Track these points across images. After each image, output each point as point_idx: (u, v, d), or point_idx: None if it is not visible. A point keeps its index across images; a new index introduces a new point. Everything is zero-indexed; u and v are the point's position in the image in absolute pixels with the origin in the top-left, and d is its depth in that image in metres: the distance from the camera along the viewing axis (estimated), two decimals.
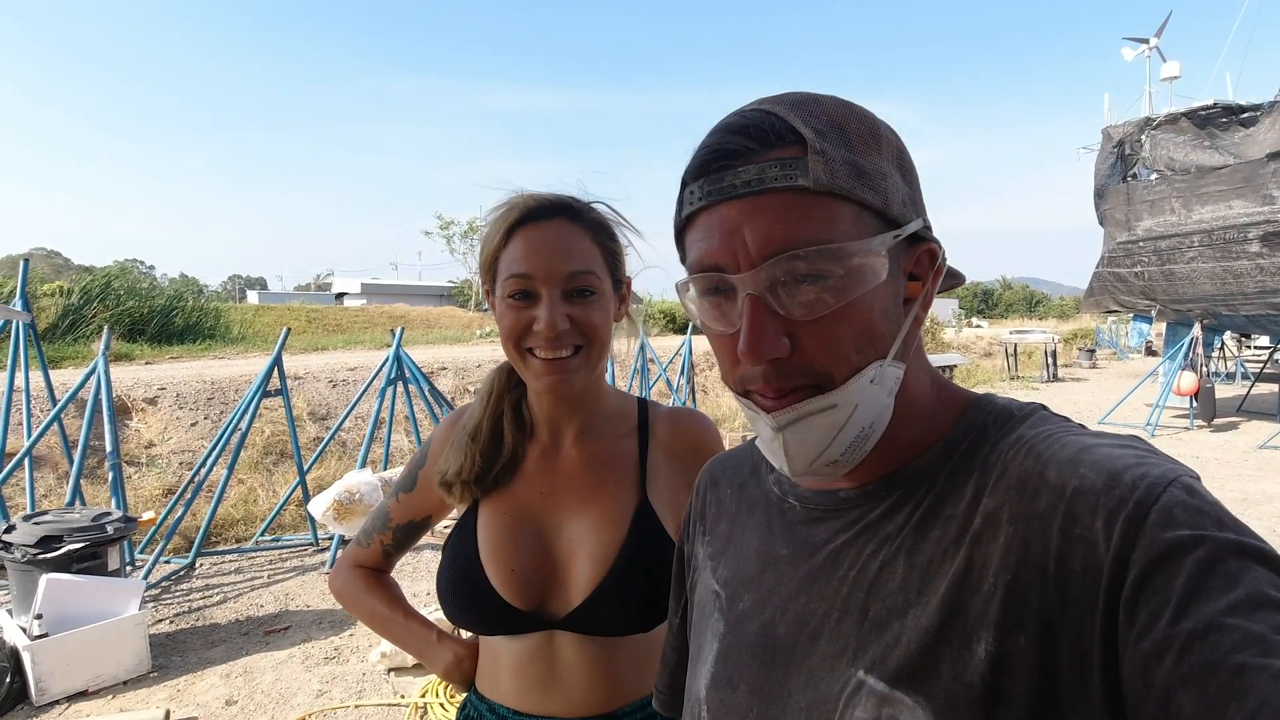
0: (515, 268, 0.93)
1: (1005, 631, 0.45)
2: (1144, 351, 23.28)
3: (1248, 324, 11.70)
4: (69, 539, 3.53)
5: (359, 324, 22.14)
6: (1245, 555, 0.40)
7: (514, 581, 0.97)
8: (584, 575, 0.97)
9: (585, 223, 0.97)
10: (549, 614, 0.97)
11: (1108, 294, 12.47)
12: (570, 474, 1.03)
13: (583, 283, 0.94)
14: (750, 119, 0.51)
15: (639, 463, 1.03)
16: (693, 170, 0.53)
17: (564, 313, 0.92)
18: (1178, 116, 11.21)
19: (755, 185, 0.49)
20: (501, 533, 0.99)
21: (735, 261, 0.50)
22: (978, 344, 22.04)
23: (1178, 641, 0.38)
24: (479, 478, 1.02)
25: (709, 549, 0.71)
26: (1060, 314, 51.90)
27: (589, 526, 0.99)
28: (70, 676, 3.31)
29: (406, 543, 1.15)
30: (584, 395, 1.03)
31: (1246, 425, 10.97)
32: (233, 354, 12.38)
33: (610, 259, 0.99)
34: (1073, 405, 13.39)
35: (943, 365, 12.15)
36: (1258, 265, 9.83)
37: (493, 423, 1.04)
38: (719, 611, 0.65)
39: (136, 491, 6.01)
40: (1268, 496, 6.85)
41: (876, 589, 0.53)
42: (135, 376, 8.15)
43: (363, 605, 1.14)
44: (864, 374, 0.51)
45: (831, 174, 0.49)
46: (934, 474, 0.54)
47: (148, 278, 19.26)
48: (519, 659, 0.99)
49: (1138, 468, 0.45)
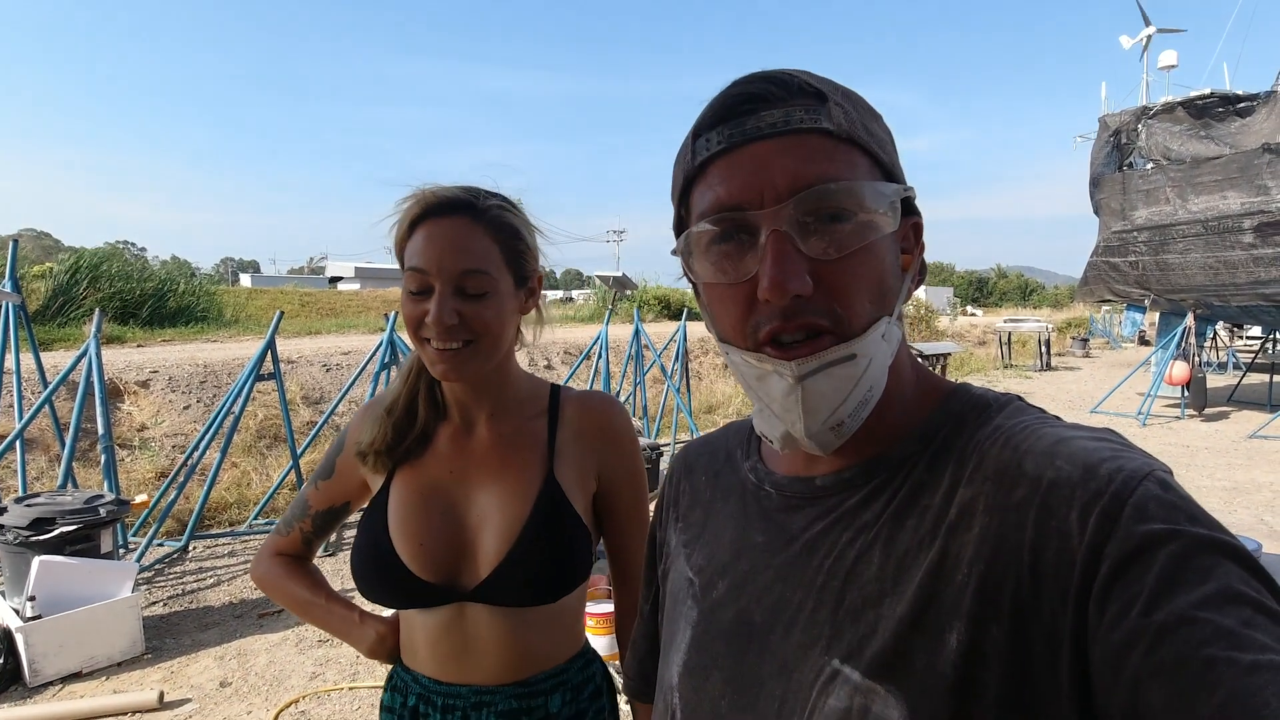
0: (413, 261, 0.97)
1: (978, 621, 0.45)
2: (1137, 341, 23.39)
3: (1240, 314, 11.75)
4: (61, 521, 3.52)
5: (353, 308, 22.05)
6: (1217, 551, 0.40)
7: (423, 555, 1.00)
8: (491, 548, 1.00)
9: (485, 221, 0.99)
10: (459, 586, 1.01)
11: (1102, 283, 12.51)
12: (480, 453, 1.06)
13: (475, 281, 0.96)
14: (769, 76, 0.53)
15: (547, 442, 1.07)
16: (710, 118, 0.53)
17: (453, 308, 0.95)
18: (1174, 106, 11.21)
19: (781, 126, 0.51)
20: (411, 508, 1.03)
21: (760, 198, 0.51)
22: (972, 332, 22.10)
23: (1149, 633, 0.39)
24: (390, 447, 1.06)
25: (682, 536, 0.70)
26: (1054, 303, 52.07)
27: (496, 501, 1.02)
28: (64, 658, 3.31)
29: (326, 529, 1.18)
30: (491, 380, 1.07)
31: (1237, 415, 11.05)
32: (225, 337, 12.32)
33: (512, 256, 1.01)
34: (1065, 394, 13.46)
35: (937, 353, 12.18)
36: (1251, 256, 9.86)
37: (408, 399, 1.09)
38: (692, 598, 0.64)
39: (129, 474, 6.00)
40: (1257, 485, 6.91)
41: (852, 578, 0.53)
42: (127, 359, 8.11)
43: (284, 591, 1.16)
44: (877, 327, 0.52)
45: (851, 123, 0.52)
46: (911, 463, 0.54)
47: (139, 260, 19.08)
48: (434, 631, 1.03)
49: (1113, 461, 0.45)
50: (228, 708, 3.12)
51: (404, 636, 1.08)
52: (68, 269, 12.92)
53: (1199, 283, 10.72)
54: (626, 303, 15.37)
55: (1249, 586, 0.39)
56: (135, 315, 13.28)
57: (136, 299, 13.64)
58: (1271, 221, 9.50)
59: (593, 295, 23.29)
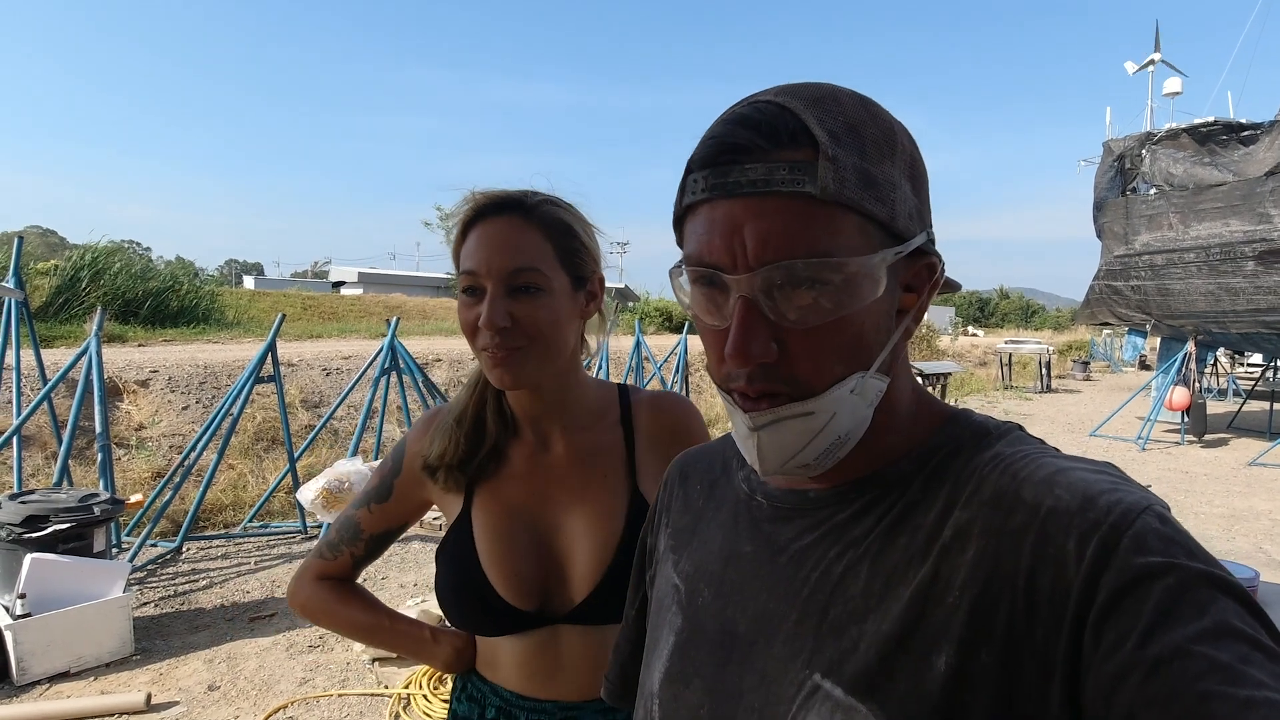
0: (466, 264, 0.95)
1: (968, 646, 0.45)
2: (1137, 365, 23.37)
3: (1241, 341, 11.76)
4: (55, 519, 3.50)
5: (355, 313, 22.07)
6: (1214, 586, 0.40)
7: (518, 584, 0.98)
8: (585, 571, 0.98)
9: (536, 219, 0.96)
10: (552, 610, 0.99)
11: (1103, 307, 12.51)
12: (560, 471, 1.03)
13: (526, 279, 0.94)
14: (764, 113, 0.49)
15: (626, 454, 1.05)
16: (698, 159, 0.51)
17: (505, 309, 0.93)
18: (1178, 132, 11.25)
19: (761, 186, 0.48)
20: (500, 536, 1.00)
21: (733, 261, 0.49)
22: (973, 352, 22.10)
23: (1143, 665, 0.38)
24: (463, 462, 1.02)
25: (671, 542, 0.70)
26: (1056, 325, 52.09)
27: (585, 523, 1.00)
28: (52, 657, 3.29)
29: (378, 552, 1.14)
30: (557, 390, 1.03)
31: (1237, 442, 11.03)
32: (227, 339, 12.33)
33: (566, 256, 0.98)
34: (1065, 416, 13.44)
35: (938, 373, 12.17)
36: (1253, 283, 9.87)
37: (476, 410, 1.05)
38: (677, 605, 0.64)
39: (125, 473, 5.99)
40: (1256, 513, 6.88)
41: (838, 592, 0.52)
42: (128, 358, 8.11)
43: (340, 617, 1.12)
44: (844, 384, 0.50)
45: (840, 183, 0.47)
46: (906, 482, 0.54)
47: (143, 259, 19.10)
48: (522, 653, 1.01)
49: (1113, 493, 0.45)
50: (215, 712, 3.09)
51: (483, 648, 1.06)
52: (71, 266, 12.94)
53: (1200, 309, 10.72)
54: (628, 314, 15.37)
55: (1245, 623, 0.39)
56: (137, 314, 13.28)
57: (139, 297, 13.65)
58: (1273, 249, 9.51)
59: None
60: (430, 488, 1.06)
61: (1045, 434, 11.28)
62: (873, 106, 0.52)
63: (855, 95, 0.52)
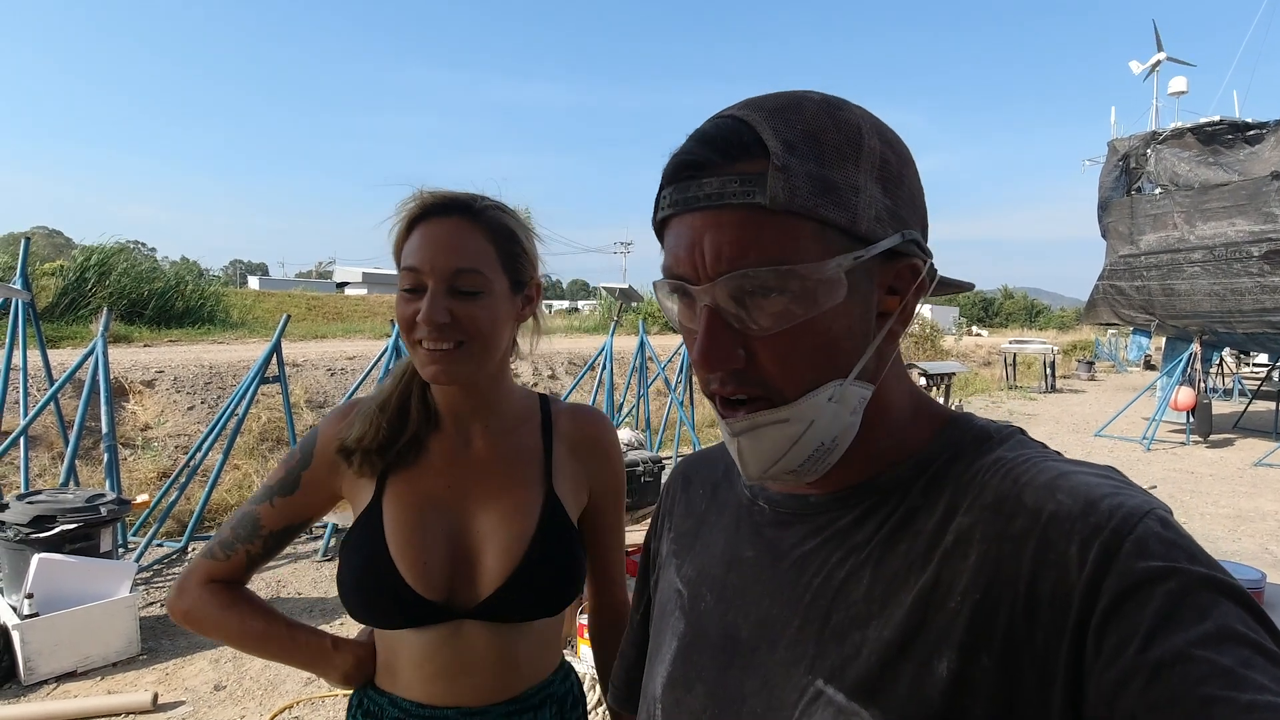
0: (408, 260, 0.96)
1: (969, 651, 0.45)
2: (1142, 365, 23.30)
3: (1246, 341, 11.71)
4: (62, 519, 3.52)
5: (359, 313, 22.11)
6: (1215, 589, 0.41)
7: (426, 572, 0.97)
8: (495, 565, 0.99)
9: (482, 221, 0.98)
10: (459, 604, 0.98)
11: (1108, 307, 12.47)
12: (479, 467, 1.04)
13: (469, 280, 0.95)
14: (722, 129, 0.51)
15: (544, 457, 1.07)
16: (665, 176, 0.53)
17: (445, 307, 0.94)
18: (1184, 132, 11.21)
19: (715, 199, 0.49)
20: (410, 523, 0.99)
21: (696, 273, 0.51)
22: (977, 352, 22.06)
23: (1145, 670, 0.39)
24: (382, 447, 1.01)
25: (674, 546, 0.70)
26: (1060, 325, 51.94)
27: (499, 518, 1.01)
28: (59, 657, 3.31)
29: (276, 550, 1.08)
30: (487, 391, 1.05)
31: (1242, 442, 10.99)
32: (232, 339, 12.36)
33: (507, 259, 1.00)
34: (1070, 416, 13.40)
35: (942, 373, 12.14)
36: (1258, 283, 9.83)
37: (400, 399, 1.05)
38: (680, 610, 0.64)
39: (131, 474, 6.01)
40: (1262, 514, 6.86)
41: (840, 597, 0.52)
42: (134, 358, 8.14)
43: (229, 626, 1.04)
44: (820, 391, 0.51)
45: (791, 192, 0.48)
46: (907, 487, 0.54)
47: (149, 259, 19.14)
48: (423, 651, 0.99)
49: (1114, 497, 0.45)
50: (221, 711, 3.11)
51: (381, 657, 1.04)
52: (77, 267, 12.99)
53: (1205, 309, 10.68)
54: (631, 314, 15.39)
55: (1247, 626, 0.39)
56: (142, 315, 13.33)
57: (144, 298, 13.70)
58: (1279, 249, 9.47)
59: (598, 306, 23.33)
60: (341, 479, 1.04)
61: (1050, 434, 11.26)
62: (840, 112, 0.52)
63: (822, 101, 0.52)
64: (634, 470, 3.47)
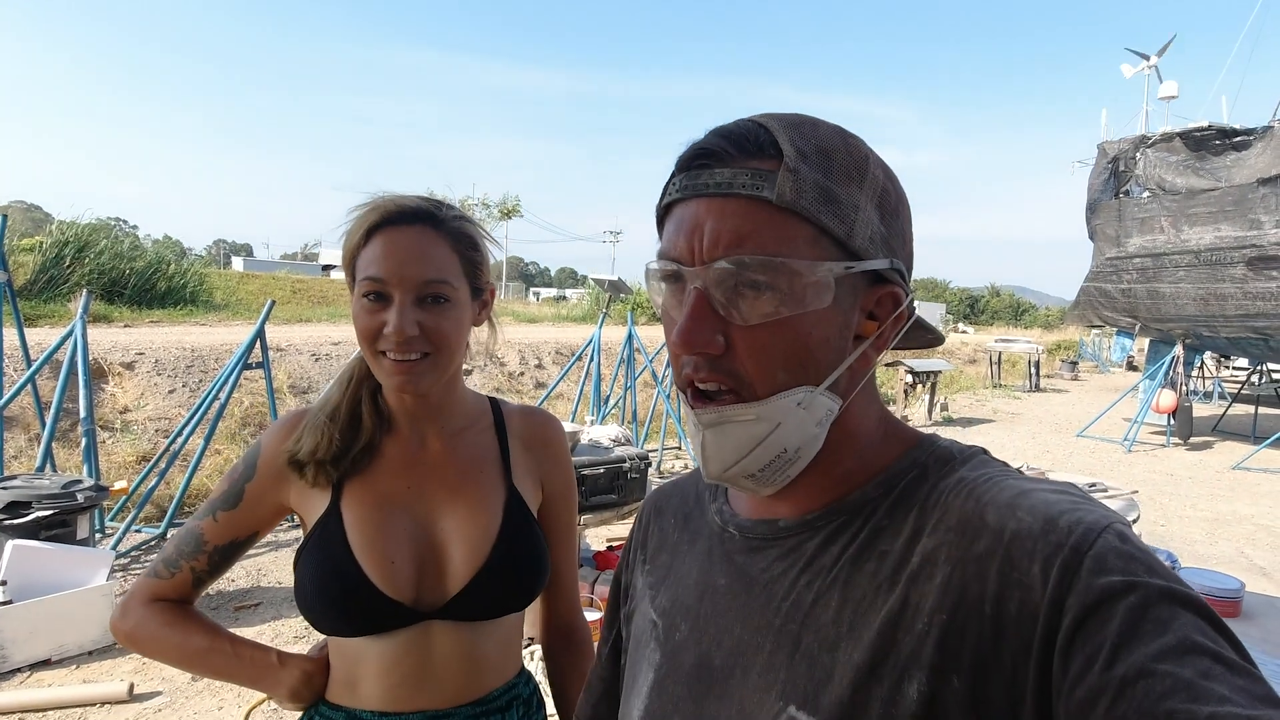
0: (371, 270, 0.93)
1: (939, 672, 0.46)
2: (1125, 366, 23.57)
3: (1229, 345, 11.84)
4: (38, 505, 3.46)
5: (345, 298, 21.79)
6: (1175, 601, 0.41)
7: (392, 572, 0.95)
8: (461, 563, 0.98)
9: (446, 231, 0.97)
10: (426, 605, 0.97)
11: (1092, 308, 12.58)
12: (437, 467, 1.03)
13: (436, 290, 0.95)
14: (741, 127, 0.53)
15: (501, 454, 1.08)
16: (679, 163, 0.55)
17: (414, 319, 0.93)
18: (1172, 136, 11.28)
19: (724, 188, 0.51)
20: (374, 525, 0.97)
21: (691, 255, 0.52)
22: (963, 350, 22.21)
23: (1111, 688, 0.39)
24: (336, 457, 0.98)
25: (649, 578, 0.70)
26: (1045, 324, 52.40)
27: (463, 515, 1.00)
28: (33, 645, 3.26)
29: (223, 567, 1.04)
30: (441, 394, 1.04)
31: (1221, 445, 11.14)
32: (215, 321, 12.23)
33: (469, 268, 0.99)
34: (1053, 416, 13.54)
35: (928, 370, 12.20)
36: (1241, 289, 9.94)
37: (352, 405, 1.02)
38: (655, 641, 0.64)
39: (110, 457, 5.93)
40: (1239, 517, 6.95)
41: (810, 621, 0.53)
42: (114, 339, 8.02)
43: (169, 643, 0.99)
44: (790, 394, 0.52)
45: (798, 193, 0.50)
46: (872, 507, 0.55)
47: (130, 237, 18.82)
48: (387, 657, 0.97)
49: (1073, 513, 0.46)
50: (199, 702, 3.07)
51: (337, 671, 1.00)
52: (55, 244, 12.75)
53: (1190, 313, 10.79)
54: (620, 305, 15.36)
55: (1206, 637, 0.40)
56: (122, 294, 13.13)
57: (125, 277, 13.48)
58: (1263, 255, 9.57)
59: (586, 295, 23.28)
60: (289, 491, 1.01)
61: (1033, 434, 11.37)
62: (852, 140, 0.55)
63: (836, 127, 0.55)
64: (620, 466, 3.46)
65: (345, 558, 0.95)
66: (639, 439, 7.79)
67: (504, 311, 22.70)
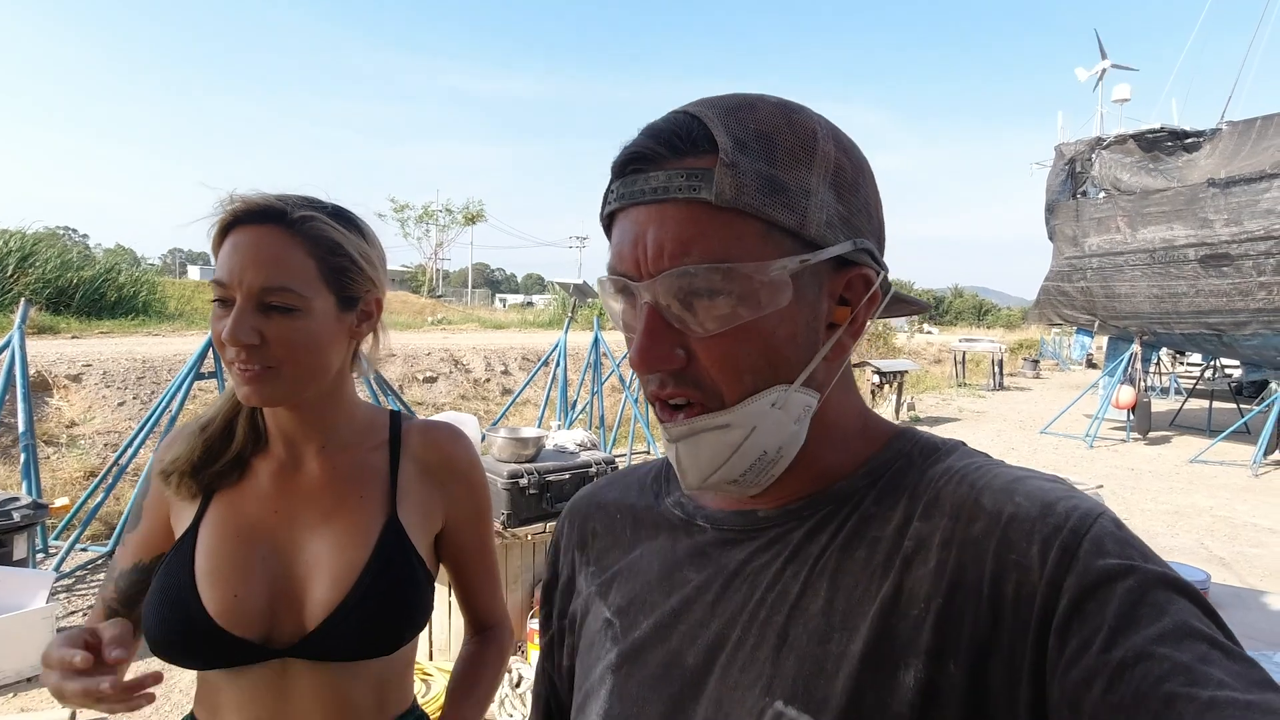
0: (217, 272, 0.87)
1: (936, 658, 0.45)
2: (1085, 364, 24.11)
3: (1184, 342, 12.15)
4: None
5: None
6: (1171, 587, 0.41)
7: (236, 608, 0.87)
8: (322, 596, 0.89)
9: (300, 233, 0.88)
10: (279, 641, 0.89)
11: (1053, 307, 12.84)
12: (311, 490, 0.95)
13: (280, 299, 0.86)
14: (673, 123, 0.50)
15: (389, 478, 0.98)
16: (614, 168, 0.52)
17: (252, 326, 0.85)
18: (1126, 138, 11.58)
19: (660, 193, 0.48)
20: (224, 552, 0.90)
21: (638, 269, 0.50)
22: (928, 350, 22.55)
23: (1108, 670, 0.39)
24: (196, 468, 0.93)
25: (596, 579, 0.66)
26: (1007, 324, 53.53)
27: (329, 545, 0.92)
28: None
29: (134, 592, 0.96)
30: (321, 410, 0.96)
31: (1179, 439, 11.42)
32: (168, 331, 11.88)
33: (331, 275, 0.90)
34: (1017, 414, 13.77)
35: (895, 370, 12.32)
36: (1194, 286, 10.20)
37: (227, 418, 0.97)
38: (611, 640, 0.60)
39: (55, 473, 5.68)
40: (1198, 509, 7.11)
41: (797, 613, 0.51)
42: (59, 351, 7.73)
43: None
44: (762, 397, 0.50)
45: (738, 190, 0.47)
46: (859, 496, 0.53)
47: (79, 245, 18.24)
48: (244, 693, 0.90)
49: (1069, 500, 0.46)
50: None
51: (203, 694, 0.94)
52: None
53: (1145, 310, 11.05)
54: (586, 310, 15.28)
55: (1202, 623, 0.40)
56: (69, 304, 12.71)
57: (72, 287, 13.05)
58: (1214, 254, 9.84)
59: (553, 301, 23.16)
60: (171, 505, 0.96)
61: (999, 431, 11.53)
62: (795, 115, 0.51)
63: (778, 104, 0.51)
64: (585, 471, 3.39)
65: (188, 586, 0.88)
66: (607, 444, 7.72)
67: (470, 318, 22.49)
